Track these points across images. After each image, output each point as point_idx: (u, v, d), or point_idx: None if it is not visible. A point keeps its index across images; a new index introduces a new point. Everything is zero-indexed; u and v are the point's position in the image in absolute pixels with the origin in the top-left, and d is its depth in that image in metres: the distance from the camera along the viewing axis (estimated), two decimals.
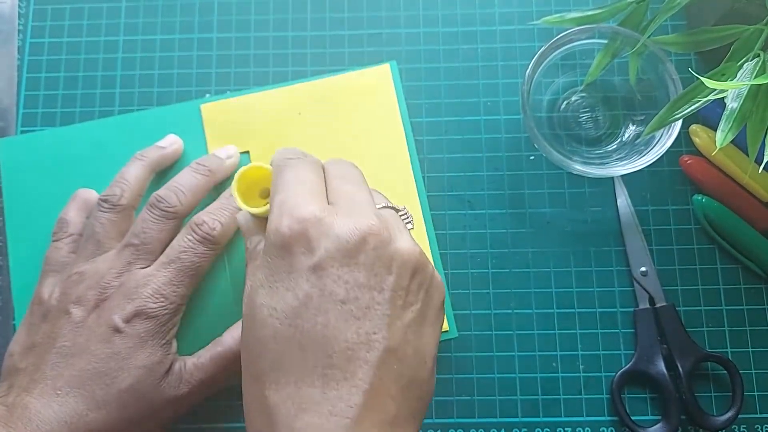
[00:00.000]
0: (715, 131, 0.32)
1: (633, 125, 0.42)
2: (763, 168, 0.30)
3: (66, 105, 0.44)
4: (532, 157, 0.43)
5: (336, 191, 0.30)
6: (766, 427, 0.39)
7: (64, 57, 0.45)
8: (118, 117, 0.43)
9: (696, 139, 0.42)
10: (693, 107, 0.34)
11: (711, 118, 0.42)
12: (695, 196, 0.41)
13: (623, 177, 0.42)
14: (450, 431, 0.39)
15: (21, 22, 0.45)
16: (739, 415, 0.38)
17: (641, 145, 0.39)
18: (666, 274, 0.41)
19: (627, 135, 0.42)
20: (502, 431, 0.39)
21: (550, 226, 0.42)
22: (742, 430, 0.39)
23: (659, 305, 0.40)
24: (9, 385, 0.34)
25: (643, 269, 0.41)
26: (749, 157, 0.33)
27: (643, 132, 0.37)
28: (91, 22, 0.45)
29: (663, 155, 0.37)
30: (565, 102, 0.43)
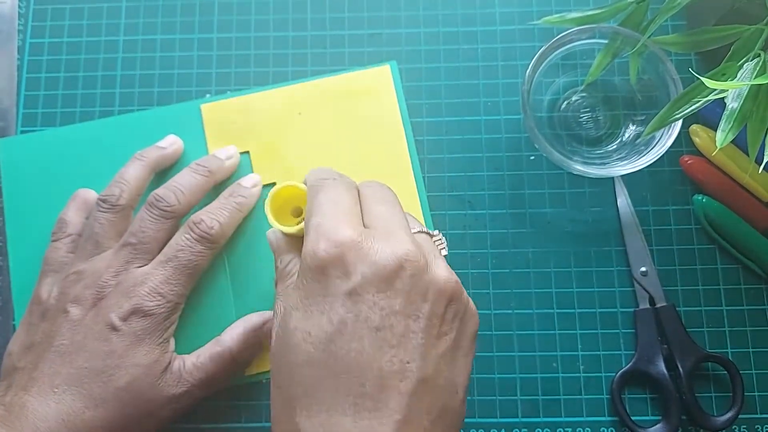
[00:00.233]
0: (715, 131, 0.32)
1: (633, 125, 0.42)
2: (763, 168, 0.30)
3: (66, 105, 0.44)
4: (532, 157, 0.43)
5: (372, 214, 0.30)
6: (766, 427, 0.39)
7: (64, 57, 0.45)
8: (118, 117, 0.43)
9: (696, 139, 0.42)
10: (693, 107, 0.34)
11: (711, 118, 0.42)
12: (695, 196, 0.41)
13: (623, 177, 0.42)
14: None
15: (21, 22, 0.45)
16: (739, 415, 0.38)
17: (641, 145, 0.39)
18: (666, 274, 0.41)
19: (627, 135, 0.42)
20: (502, 431, 0.39)
21: (550, 226, 0.42)
22: (742, 430, 0.39)
23: (659, 305, 0.40)
24: (7, 385, 0.34)
25: (644, 269, 0.41)
26: (749, 157, 0.33)
27: (644, 132, 0.37)
28: (91, 22, 0.45)
29: (663, 155, 0.37)
30: (566, 102, 0.43)
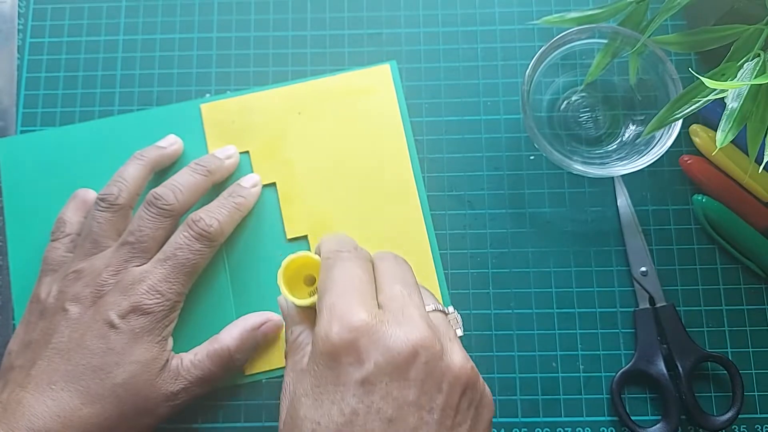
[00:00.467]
0: (715, 131, 0.32)
1: (633, 125, 0.42)
2: (763, 168, 0.30)
3: (66, 104, 0.44)
4: (532, 157, 0.43)
5: (386, 293, 0.30)
6: (766, 427, 0.39)
7: (63, 56, 0.45)
8: (118, 117, 0.43)
9: (696, 139, 0.42)
10: (693, 107, 0.34)
11: (711, 118, 0.42)
12: (695, 196, 0.41)
13: (623, 177, 0.42)
14: None
15: (21, 21, 0.45)
16: (739, 415, 0.38)
17: (641, 145, 0.39)
18: (666, 274, 0.41)
19: (627, 135, 0.42)
20: (501, 431, 0.39)
21: (550, 226, 0.42)
22: (742, 430, 0.39)
23: (659, 305, 0.40)
24: (5, 382, 0.34)
25: (643, 269, 0.41)
26: (749, 157, 0.33)
27: (643, 132, 0.37)
28: (91, 21, 0.45)
29: (663, 155, 0.37)
30: (565, 102, 0.43)
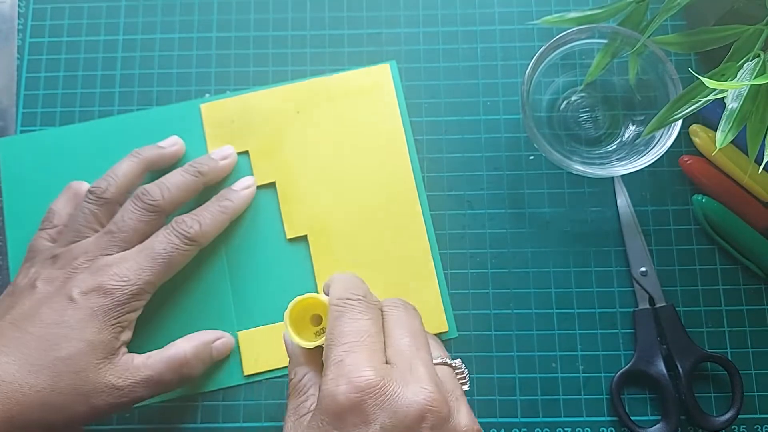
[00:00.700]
0: (715, 131, 0.32)
1: (633, 125, 0.42)
2: (763, 168, 0.30)
3: (65, 104, 0.44)
4: (531, 157, 0.43)
5: (395, 347, 0.29)
6: (766, 428, 0.39)
7: (63, 56, 0.45)
8: (117, 117, 0.43)
9: (696, 139, 0.42)
10: (693, 107, 0.34)
11: (711, 118, 0.42)
12: (695, 196, 0.41)
13: (623, 177, 0.42)
14: None
15: (20, 21, 0.45)
16: (739, 416, 0.38)
17: (641, 145, 0.39)
18: (666, 274, 0.41)
19: (627, 135, 0.42)
20: (501, 431, 0.39)
21: (549, 226, 0.42)
22: (742, 430, 0.39)
23: (659, 305, 0.40)
24: None
25: (643, 269, 0.41)
26: (749, 157, 0.33)
27: (643, 132, 0.37)
28: (91, 21, 0.45)
29: (663, 155, 0.37)
30: (565, 102, 0.43)
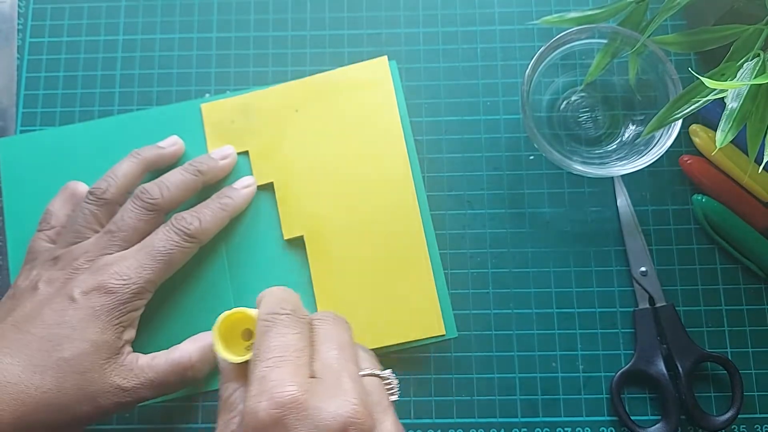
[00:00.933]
0: (715, 131, 0.32)
1: (633, 125, 0.42)
2: (763, 168, 0.30)
3: (65, 104, 0.44)
4: (531, 157, 0.43)
5: (322, 360, 0.29)
6: (766, 427, 0.39)
7: (63, 56, 0.45)
8: (117, 117, 0.43)
9: (696, 139, 0.42)
10: (693, 107, 0.34)
11: (711, 118, 0.42)
12: (695, 196, 0.41)
13: (623, 177, 0.42)
14: (450, 431, 0.39)
15: (20, 21, 0.45)
16: (739, 415, 0.38)
17: (641, 145, 0.39)
18: (666, 274, 0.41)
19: (627, 135, 0.42)
20: (501, 431, 0.39)
21: (549, 226, 0.42)
22: (742, 430, 0.39)
23: (659, 305, 0.40)
24: None
25: (643, 269, 0.41)
26: (749, 157, 0.33)
27: (643, 132, 0.37)
28: (91, 21, 0.45)
29: (663, 155, 0.37)
30: (565, 102, 0.43)
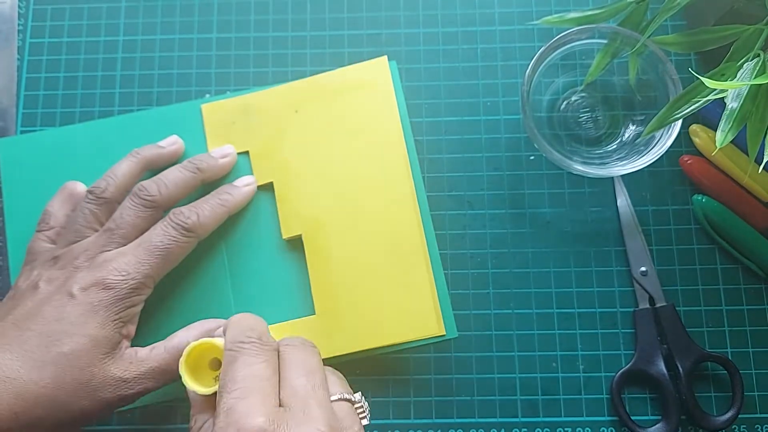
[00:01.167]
0: (715, 131, 0.32)
1: (633, 125, 0.42)
2: (763, 168, 0.30)
3: (66, 105, 0.44)
4: (532, 157, 0.43)
5: (289, 388, 0.29)
6: (766, 427, 0.39)
7: (63, 57, 0.45)
8: (118, 117, 0.43)
9: (696, 139, 0.42)
10: (693, 107, 0.34)
11: (711, 118, 0.42)
12: (695, 196, 0.41)
13: (623, 177, 0.42)
14: (450, 431, 0.39)
15: (21, 22, 0.45)
16: (739, 415, 0.38)
17: (641, 145, 0.39)
18: (666, 274, 0.41)
19: (627, 135, 0.42)
20: (502, 431, 0.39)
21: (550, 226, 0.42)
22: (742, 430, 0.39)
23: (659, 305, 0.40)
24: None
25: (643, 269, 0.41)
26: (749, 157, 0.33)
27: (643, 132, 0.37)
28: (91, 22, 0.45)
29: (663, 155, 0.37)
30: (565, 102, 0.43)
